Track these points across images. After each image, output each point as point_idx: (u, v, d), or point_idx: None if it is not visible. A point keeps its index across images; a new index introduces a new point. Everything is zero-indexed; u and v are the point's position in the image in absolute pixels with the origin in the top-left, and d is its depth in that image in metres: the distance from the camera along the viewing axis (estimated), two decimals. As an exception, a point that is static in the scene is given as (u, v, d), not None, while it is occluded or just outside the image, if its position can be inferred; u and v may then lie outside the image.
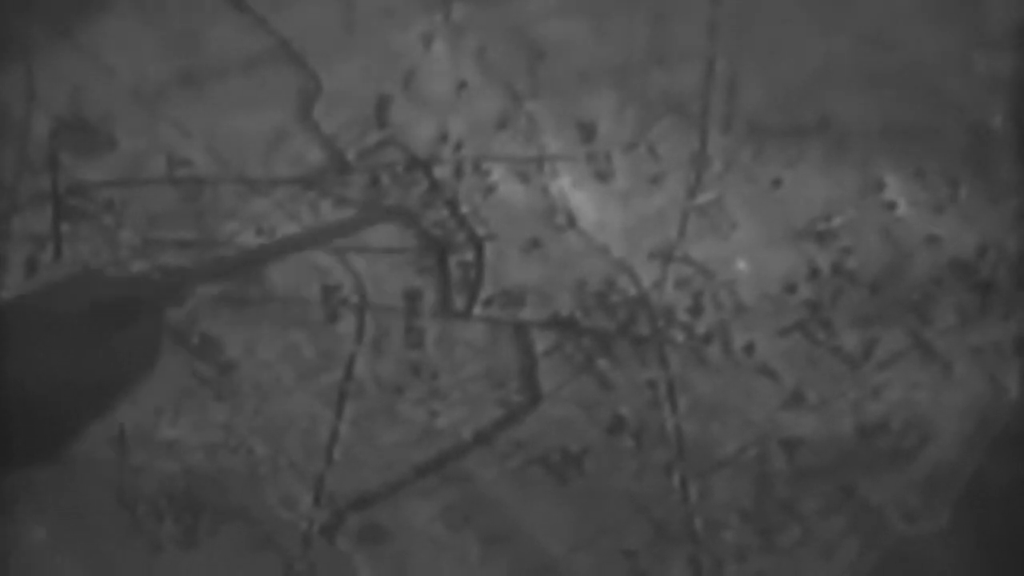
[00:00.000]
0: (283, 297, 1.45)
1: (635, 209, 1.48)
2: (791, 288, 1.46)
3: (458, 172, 1.48)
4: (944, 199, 1.47)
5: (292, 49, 1.48)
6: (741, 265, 1.47)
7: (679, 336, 1.46)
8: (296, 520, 1.43)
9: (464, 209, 1.47)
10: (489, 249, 1.47)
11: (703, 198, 1.48)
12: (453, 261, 1.47)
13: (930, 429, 1.45)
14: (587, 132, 1.48)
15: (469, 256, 1.47)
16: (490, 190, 1.48)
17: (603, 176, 1.48)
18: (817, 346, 1.45)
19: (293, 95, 1.49)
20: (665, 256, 1.47)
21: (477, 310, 1.46)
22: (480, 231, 1.47)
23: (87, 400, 1.09)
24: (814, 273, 1.46)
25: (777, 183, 1.47)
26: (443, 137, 1.48)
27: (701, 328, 1.46)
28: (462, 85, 1.49)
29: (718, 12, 1.49)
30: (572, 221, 1.48)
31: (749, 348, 1.45)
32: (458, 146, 1.48)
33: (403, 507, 1.44)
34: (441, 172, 1.48)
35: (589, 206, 1.48)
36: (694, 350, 1.45)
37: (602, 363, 1.45)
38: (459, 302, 1.47)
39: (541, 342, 1.46)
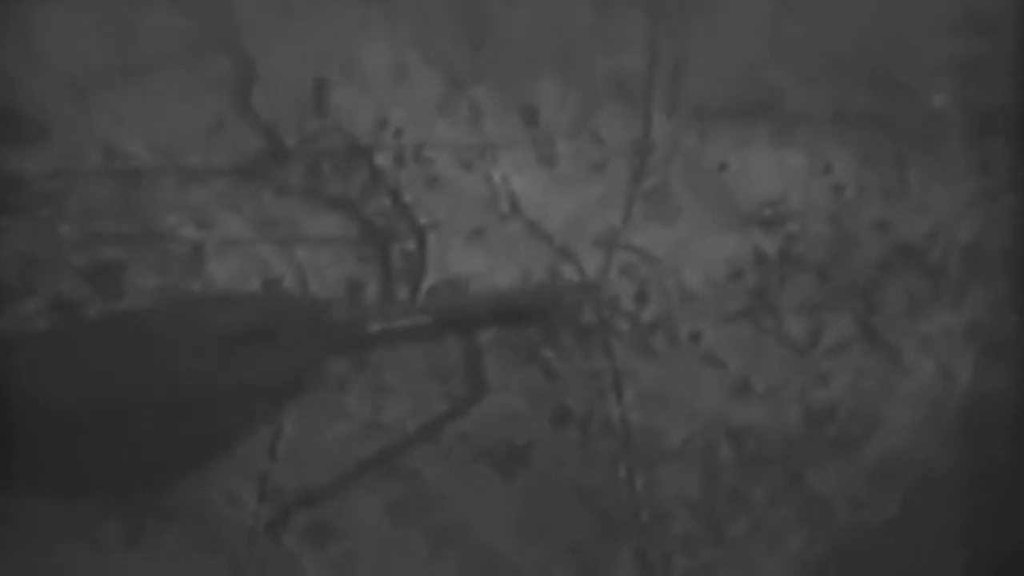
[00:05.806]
0: (224, 290, 1.43)
1: (579, 195, 1.45)
2: (737, 274, 1.44)
3: (399, 159, 1.45)
4: (893, 184, 1.45)
5: (228, 36, 1.45)
6: (686, 252, 1.44)
7: (624, 325, 1.44)
8: (242, 518, 1.42)
9: (406, 197, 1.44)
10: (432, 238, 1.44)
11: (648, 183, 1.45)
12: (396, 250, 1.44)
13: (878, 417, 1.44)
14: (530, 118, 1.45)
15: (412, 245, 1.44)
16: (432, 178, 1.45)
17: (546, 162, 1.45)
18: (764, 333, 1.43)
19: (230, 83, 1.45)
20: (609, 243, 1.45)
21: (420, 300, 1.44)
22: (422, 220, 1.44)
23: None
24: (760, 259, 1.44)
25: (723, 167, 1.45)
26: (383, 123, 1.45)
27: (646, 317, 1.44)
28: (402, 70, 1.45)
29: (661, -6, 1.46)
30: (516, 208, 1.45)
31: (695, 336, 1.43)
32: (398, 132, 1.45)
33: (349, 503, 1.42)
34: (382, 160, 1.45)
35: (532, 193, 1.45)
36: (639, 339, 1.43)
37: (547, 353, 1.43)
38: (402, 292, 1.45)
39: (485, 332, 1.44)
